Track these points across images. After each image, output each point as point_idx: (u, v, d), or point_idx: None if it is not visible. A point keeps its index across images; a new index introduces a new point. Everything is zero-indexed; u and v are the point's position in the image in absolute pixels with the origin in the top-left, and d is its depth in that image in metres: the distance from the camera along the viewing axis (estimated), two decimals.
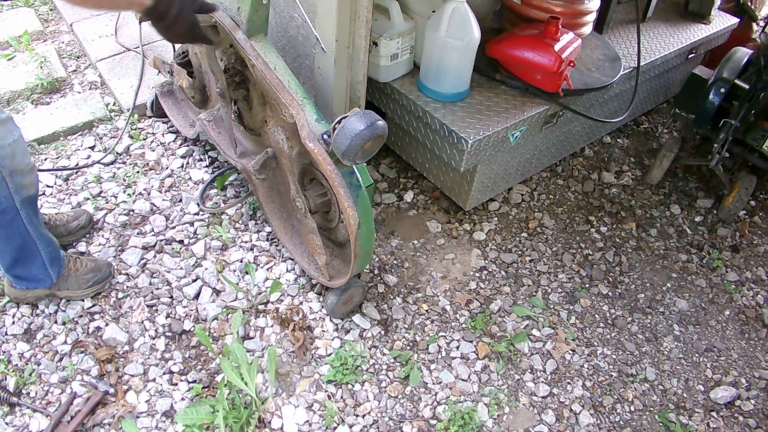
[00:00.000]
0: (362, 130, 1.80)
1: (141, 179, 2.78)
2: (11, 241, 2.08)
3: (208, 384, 2.15)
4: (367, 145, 1.84)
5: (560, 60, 2.35)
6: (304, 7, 2.19)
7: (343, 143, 1.81)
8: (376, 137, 1.84)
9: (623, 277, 2.66)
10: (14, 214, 1.99)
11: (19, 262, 2.14)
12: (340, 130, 1.83)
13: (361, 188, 2.01)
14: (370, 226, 2.06)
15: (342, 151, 1.83)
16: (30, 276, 2.21)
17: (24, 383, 2.12)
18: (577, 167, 3.12)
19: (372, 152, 1.90)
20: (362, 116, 1.82)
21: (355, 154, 1.83)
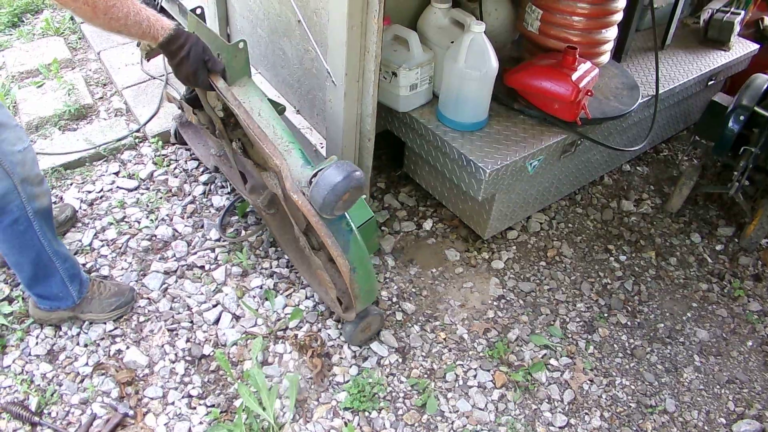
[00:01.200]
0: (338, 183, 1.77)
1: (164, 205, 2.82)
2: (26, 254, 2.11)
3: (227, 408, 2.17)
4: (345, 197, 1.80)
5: (577, 89, 2.37)
6: (316, 41, 2.24)
7: (320, 197, 1.79)
8: (353, 189, 1.80)
9: (642, 306, 2.64)
10: (27, 225, 2.03)
11: (37, 278, 2.18)
12: (316, 184, 1.80)
13: (351, 232, 1.98)
14: (365, 267, 2.05)
15: (319, 205, 1.81)
16: (51, 294, 2.25)
17: (46, 403, 2.16)
18: (596, 195, 3.12)
19: (351, 203, 1.87)
20: (339, 168, 1.79)
21: (332, 208, 1.81)
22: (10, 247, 2.09)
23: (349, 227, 1.99)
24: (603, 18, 2.60)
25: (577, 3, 2.52)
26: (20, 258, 2.13)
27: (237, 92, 2.05)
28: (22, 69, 3.53)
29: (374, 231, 2.20)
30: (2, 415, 2.11)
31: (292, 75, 2.56)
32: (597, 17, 2.58)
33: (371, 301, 2.20)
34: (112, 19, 1.70)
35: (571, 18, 2.56)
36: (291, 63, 2.53)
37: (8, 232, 2.03)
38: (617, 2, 2.56)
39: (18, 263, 2.15)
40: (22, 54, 3.68)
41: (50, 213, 2.13)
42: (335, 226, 1.95)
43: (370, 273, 2.09)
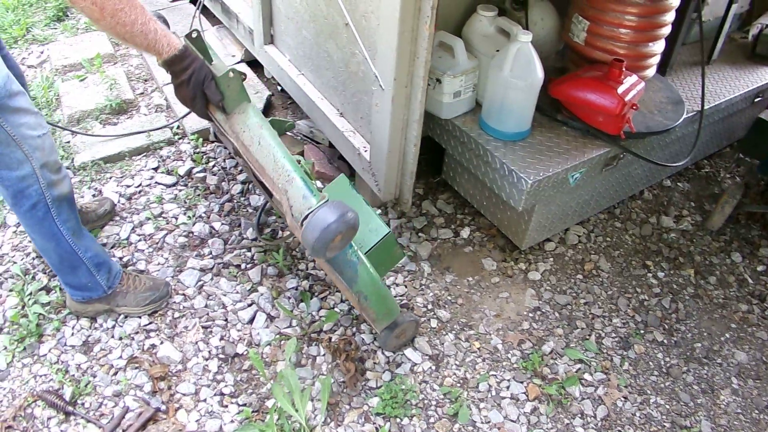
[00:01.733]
0: (330, 224, 1.71)
1: (201, 202, 2.84)
2: (47, 241, 2.13)
3: (258, 408, 2.17)
4: (337, 239, 1.75)
5: (623, 103, 2.34)
6: (364, 45, 2.23)
7: (311, 238, 1.72)
8: (347, 230, 1.75)
9: (680, 324, 2.60)
10: (45, 211, 2.04)
11: (63, 267, 2.21)
12: (308, 225, 1.74)
13: (357, 263, 1.93)
14: (378, 292, 2.00)
15: (310, 247, 1.75)
16: (80, 284, 2.27)
17: (80, 393, 2.18)
18: (636, 210, 3.08)
19: (344, 245, 1.81)
20: (331, 208, 1.74)
21: (323, 250, 1.75)
22: (32, 233, 2.13)
23: (355, 256, 1.94)
24: (651, 31, 2.56)
25: (625, 15, 2.49)
26: (44, 244, 2.15)
27: (236, 121, 2.02)
28: (65, 62, 3.58)
29: (393, 245, 2.14)
30: (37, 402, 2.14)
31: (337, 77, 2.55)
32: (645, 30, 2.55)
33: (392, 320, 2.16)
34: (119, 23, 1.70)
35: (619, 30, 2.53)
36: (336, 65, 2.52)
37: (28, 217, 2.05)
38: (666, 15, 2.53)
39: (44, 249, 2.18)
40: (65, 48, 3.73)
41: (71, 200, 2.13)
42: (341, 257, 1.90)
43: (384, 297, 2.05)
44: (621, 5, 2.47)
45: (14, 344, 2.30)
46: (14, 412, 2.12)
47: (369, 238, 2.08)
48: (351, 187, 2.19)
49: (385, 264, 2.19)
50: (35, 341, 2.31)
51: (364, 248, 2.05)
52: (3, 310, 2.39)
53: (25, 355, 2.28)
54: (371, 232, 2.09)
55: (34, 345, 2.30)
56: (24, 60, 3.79)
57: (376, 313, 2.06)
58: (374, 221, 2.11)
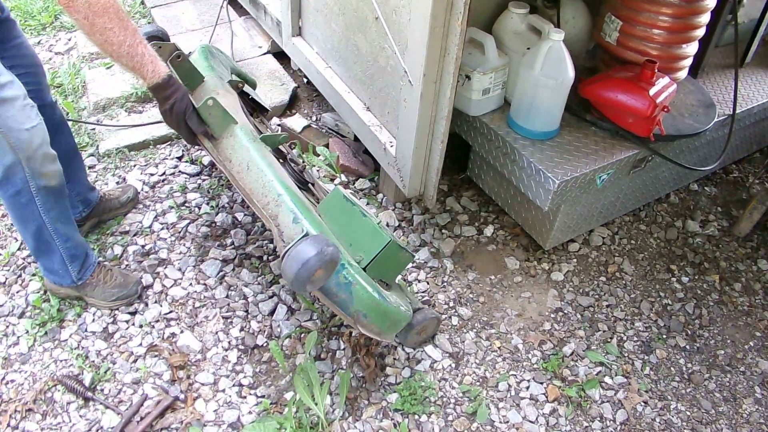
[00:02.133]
0: (310, 259, 1.68)
1: (225, 192, 2.84)
2: (28, 226, 2.15)
3: (277, 401, 2.17)
4: (317, 274, 1.72)
5: (654, 105, 2.31)
6: (394, 39, 2.21)
7: (291, 272, 1.70)
8: (326, 264, 1.72)
9: (703, 331, 2.57)
10: (29, 198, 2.05)
11: (39, 251, 2.23)
12: (286, 260, 1.72)
13: (351, 284, 1.86)
14: (377, 309, 1.92)
15: (290, 281, 1.72)
16: (52, 269, 2.29)
17: (99, 380, 2.20)
18: (661, 213, 3.04)
19: (324, 279, 1.78)
20: (310, 243, 1.71)
21: (303, 285, 1.72)
22: (14, 217, 2.15)
23: (349, 277, 1.87)
24: (685, 32, 2.53)
25: (659, 16, 2.45)
26: (22, 229, 2.18)
27: (224, 147, 2.01)
28: (92, 50, 3.59)
29: (397, 251, 2.06)
30: (57, 386, 2.15)
31: (365, 71, 2.54)
32: (679, 31, 2.51)
33: (399, 329, 2.09)
34: (106, 41, 1.74)
35: (652, 31, 2.49)
36: (364, 59, 2.51)
37: (11, 202, 2.07)
38: (701, 17, 2.49)
39: (21, 232, 2.21)
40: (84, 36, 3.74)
41: (61, 193, 2.14)
42: (331, 282, 1.85)
43: (385, 312, 1.95)
44: (655, 6, 2.44)
45: (36, 328, 2.31)
46: (35, 395, 2.13)
47: (370, 250, 2.01)
48: (345, 200, 2.13)
49: (393, 269, 2.13)
50: (56, 326, 2.33)
51: (365, 261, 2.00)
52: (26, 294, 2.41)
53: (47, 339, 2.29)
54: (371, 243, 2.02)
55: (55, 330, 2.32)
56: (52, 47, 3.81)
57: (380, 327, 1.98)
58: (373, 231, 2.04)
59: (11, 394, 2.13)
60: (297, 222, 1.85)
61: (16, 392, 2.14)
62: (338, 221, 2.05)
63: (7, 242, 2.60)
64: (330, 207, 2.13)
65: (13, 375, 2.19)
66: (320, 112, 3.32)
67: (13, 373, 2.19)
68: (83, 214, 2.56)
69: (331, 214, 2.08)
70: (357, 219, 2.07)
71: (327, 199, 2.17)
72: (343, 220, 2.06)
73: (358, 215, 2.08)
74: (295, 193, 1.94)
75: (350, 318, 1.90)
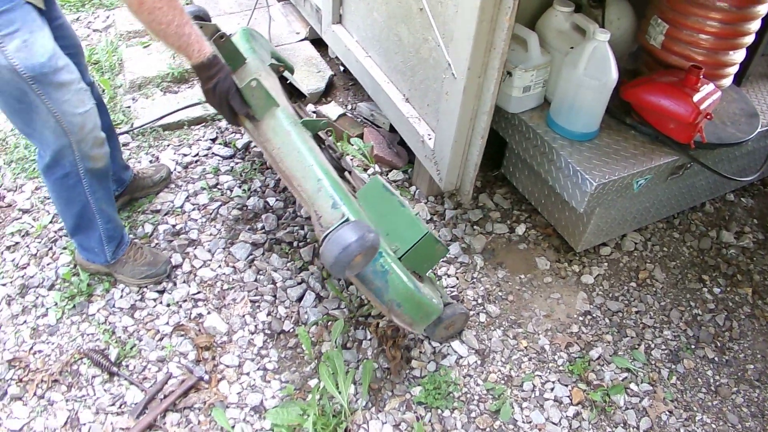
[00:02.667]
0: (350, 244, 1.68)
1: (257, 177, 2.85)
2: (72, 206, 2.16)
3: (300, 387, 2.17)
4: (356, 259, 1.71)
5: (698, 111, 2.28)
6: (439, 31, 2.19)
7: (331, 257, 1.70)
8: (367, 250, 1.71)
9: (733, 344, 2.53)
10: (77, 180, 2.07)
11: (79, 229, 2.24)
12: (328, 243, 1.72)
13: (387, 273, 1.86)
14: (412, 299, 1.92)
15: (330, 265, 1.72)
16: (88, 247, 2.31)
17: (125, 356, 2.21)
18: (696, 222, 3.00)
19: (365, 264, 1.78)
20: (352, 228, 1.71)
21: (342, 270, 1.72)
22: (57, 198, 2.17)
23: (385, 266, 1.87)
24: (733, 39, 2.49)
25: (707, 21, 2.41)
26: (65, 209, 2.19)
27: (264, 129, 2.01)
28: (130, 28, 3.61)
29: (433, 244, 2.05)
30: (83, 360, 2.17)
31: (406, 62, 2.52)
32: (727, 37, 2.47)
33: (431, 320, 2.08)
34: (154, 21, 1.73)
35: (699, 36, 2.46)
36: (406, 50, 2.49)
37: (58, 185, 2.09)
38: (751, 24, 2.45)
39: (62, 212, 2.22)
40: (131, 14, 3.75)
41: (107, 174, 2.17)
42: (368, 269, 1.85)
43: (419, 303, 1.95)
44: (704, 10, 2.40)
45: (65, 301, 2.33)
46: (61, 366, 2.15)
47: (406, 241, 2.01)
48: (384, 189, 2.13)
49: (427, 262, 2.12)
50: (85, 300, 2.35)
51: (401, 251, 1.99)
52: (56, 267, 2.43)
53: (75, 313, 2.31)
54: (408, 233, 2.02)
55: (83, 304, 2.34)
56: (90, 24, 3.83)
57: (412, 317, 1.98)
58: (411, 222, 2.04)
59: (38, 364, 2.15)
60: (336, 208, 1.84)
61: (43, 362, 2.16)
62: (376, 210, 2.04)
63: (39, 215, 2.62)
64: (368, 195, 2.13)
65: (41, 346, 2.21)
66: (356, 101, 3.31)
67: (41, 344, 2.22)
68: (116, 193, 2.57)
69: (370, 202, 2.08)
70: (395, 208, 2.07)
71: (366, 188, 2.16)
72: (381, 208, 2.05)
73: (397, 205, 2.08)
74: (334, 178, 1.94)
75: (384, 306, 1.90)
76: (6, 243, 2.52)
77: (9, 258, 2.46)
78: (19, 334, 2.23)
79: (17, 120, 1.94)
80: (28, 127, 1.94)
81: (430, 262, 2.14)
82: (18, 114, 1.90)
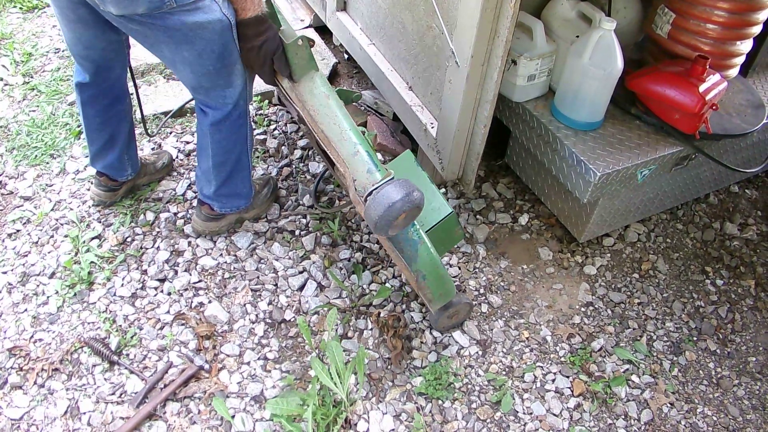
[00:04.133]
0: (395, 202, 1.68)
1: (260, 165, 2.83)
2: (234, 149, 2.25)
3: (301, 377, 2.17)
4: (401, 218, 1.72)
5: (703, 102, 2.25)
6: (443, 19, 2.17)
7: (375, 215, 1.71)
8: (411, 209, 1.72)
9: (735, 336, 2.52)
10: (245, 119, 2.17)
11: (233, 174, 2.31)
12: (372, 201, 1.72)
13: (418, 242, 1.90)
14: (436, 272, 1.97)
15: (374, 224, 1.73)
16: (237, 192, 2.38)
17: (125, 344, 2.21)
18: (699, 213, 2.98)
19: (408, 224, 1.79)
20: (397, 186, 1.71)
21: (387, 227, 1.73)
22: (224, 147, 2.22)
23: (417, 235, 1.91)
24: (741, 29, 2.46)
25: (715, 10, 2.39)
26: (228, 156, 2.24)
27: (303, 89, 2.00)
28: None
29: (454, 225, 2.11)
30: (84, 348, 2.16)
31: (409, 50, 2.50)
32: (734, 27, 2.44)
33: (448, 300, 2.14)
34: None
35: (706, 25, 2.43)
36: (410, 38, 2.47)
37: (234, 126, 2.15)
38: (759, 14, 2.42)
39: (223, 162, 2.26)
40: None
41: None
42: (402, 235, 1.88)
43: (442, 278, 2.01)
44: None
45: (65, 289, 2.32)
46: (61, 355, 2.15)
47: (431, 217, 2.04)
48: (416, 164, 2.16)
49: (445, 243, 2.16)
50: (86, 288, 2.34)
51: (425, 227, 2.02)
52: (57, 255, 2.42)
53: (75, 301, 2.30)
54: (434, 210, 2.06)
55: (84, 292, 2.33)
56: None
57: (433, 293, 2.03)
58: (437, 200, 2.08)
59: (39, 353, 2.15)
60: (371, 173, 1.85)
61: (44, 351, 2.15)
62: None
63: (41, 202, 2.61)
64: (399, 167, 2.15)
65: (42, 334, 2.20)
66: (360, 89, 3.29)
67: (42, 332, 2.21)
68: (129, 177, 2.56)
69: (400, 174, 2.09)
70: (424, 184, 2.10)
71: (398, 160, 2.19)
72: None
73: (426, 181, 2.12)
74: (369, 146, 1.94)
75: (413, 275, 1.93)
76: (7, 230, 2.50)
77: (10, 246, 2.45)
78: (19, 322, 2.22)
79: (214, 75, 1.97)
80: (226, 78, 1.99)
81: (447, 244, 2.18)
82: (218, 68, 1.94)
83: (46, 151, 2.81)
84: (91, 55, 2.10)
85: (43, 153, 2.80)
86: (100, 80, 2.21)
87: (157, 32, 1.80)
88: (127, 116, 2.39)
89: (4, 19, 3.62)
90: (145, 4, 1.68)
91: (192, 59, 1.90)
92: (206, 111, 2.12)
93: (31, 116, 2.99)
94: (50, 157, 2.79)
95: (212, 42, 1.85)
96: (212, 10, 1.78)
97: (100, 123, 2.33)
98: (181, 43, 1.84)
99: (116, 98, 2.30)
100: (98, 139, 2.36)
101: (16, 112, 3.02)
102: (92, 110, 2.29)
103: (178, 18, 1.75)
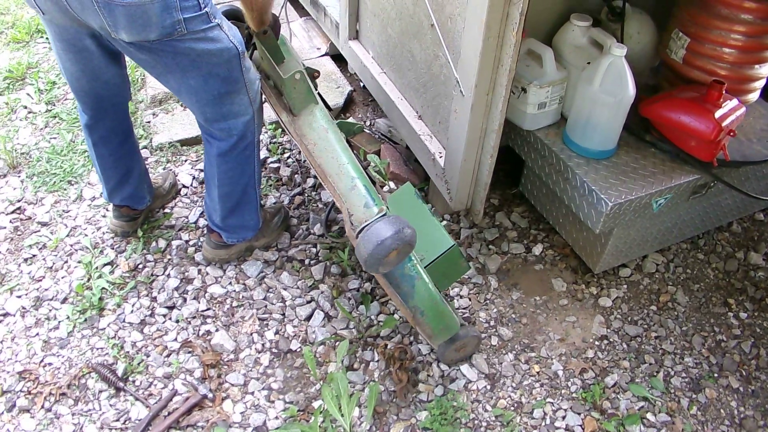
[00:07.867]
0: (386, 239, 1.66)
1: (273, 193, 2.84)
2: (242, 179, 2.25)
3: (304, 408, 2.14)
4: (392, 255, 1.69)
5: (719, 128, 2.19)
6: (448, 47, 2.16)
7: (365, 252, 1.68)
8: (402, 246, 1.69)
9: (760, 373, 2.41)
10: (252, 150, 2.19)
11: (240, 204, 2.32)
12: (362, 239, 1.70)
13: (415, 278, 1.87)
14: (436, 308, 1.94)
15: (364, 260, 1.70)
16: (243, 224, 2.39)
17: (132, 371, 2.22)
18: (722, 243, 2.88)
19: (399, 261, 1.75)
20: (388, 223, 1.69)
21: (377, 265, 1.70)
22: (231, 177, 2.23)
23: (414, 271, 1.87)
24: (758, 52, 2.39)
25: (731, 34, 2.33)
26: (235, 187, 2.26)
27: (301, 123, 2.00)
28: None
29: (458, 258, 2.06)
30: (92, 374, 2.18)
31: (418, 79, 2.49)
32: (752, 51, 2.38)
33: (449, 335, 2.10)
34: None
35: (722, 50, 2.37)
36: (418, 66, 2.46)
37: (240, 157, 2.17)
38: None
39: (230, 193, 2.27)
40: None
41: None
42: (398, 271, 1.84)
43: (441, 314, 1.97)
44: (727, 23, 2.31)
45: (76, 315, 2.35)
46: (70, 380, 2.17)
47: (432, 251, 2.00)
48: (416, 197, 2.14)
49: (449, 276, 2.12)
50: (96, 314, 2.36)
51: (426, 260, 1.98)
52: (70, 280, 2.45)
53: (86, 326, 2.32)
54: (435, 244, 2.02)
55: (94, 318, 2.35)
56: None
57: (432, 329, 1.99)
58: (438, 233, 2.04)
59: (47, 377, 2.17)
60: (368, 207, 1.84)
61: (53, 375, 2.18)
62: (405, 216, 2.03)
63: (57, 228, 2.64)
64: (399, 200, 2.14)
65: (51, 358, 2.23)
66: (374, 117, 3.29)
67: (51, 357, 2.23)
68: (148, 203, 2.60)
69: (400, 207, 2.09)
70: (424, 217, 2.08)
71: (398, 193, 2.18)
72: (410, 215, 2.03)
73: (427, 214, 2.09)
74: (367, 179, 1.93)
75: (408, 311, 1.90)
76: (24, 255, 2.55)
77: (26, 270, 2.49)
78: (30, 346, 2.25)
79: (218, 104, 2.00)
80: (229, 107, 2.02)
81: (451, 278, 2.13)
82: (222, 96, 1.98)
83: (64, 178, 2.86)
84: (96, 87, 2.12)
85: (61, 179, 2.85)
86: (106, 118, 2.24)
87: (166, 59, 1.84)
88: (137, 147, 2.42)
89: (32, 48, 3.72)
90: (158, 31, 1.71)
91: (197, 86, 1.93)
92: (211, 141, 2.14)
93: (51, 143, 3.05)
94: (68, 184, 2.84)
95: (218, 66, 1.89)
96: (221, 39, 1.84)
97: (115, 161, 2.36)
98: (187, 69, 1.87)
99: (125, 134, 2.34)
100: (114, 176, 2.40)
101: (38, 139, 3.08)
102: (105, 150, 2.32)
103: (188, 45, 1.79)
